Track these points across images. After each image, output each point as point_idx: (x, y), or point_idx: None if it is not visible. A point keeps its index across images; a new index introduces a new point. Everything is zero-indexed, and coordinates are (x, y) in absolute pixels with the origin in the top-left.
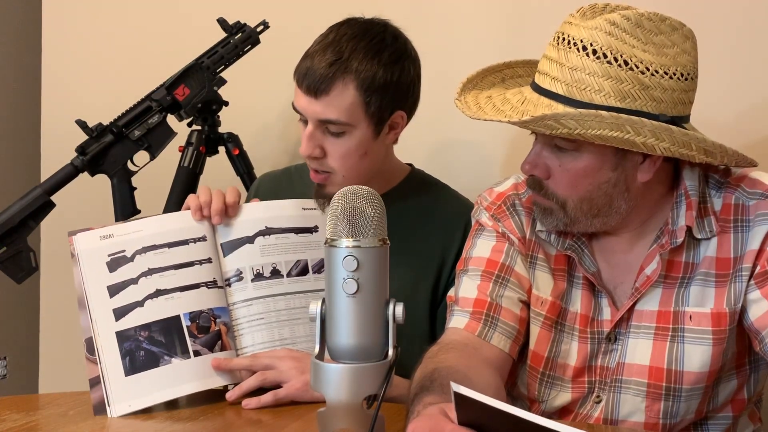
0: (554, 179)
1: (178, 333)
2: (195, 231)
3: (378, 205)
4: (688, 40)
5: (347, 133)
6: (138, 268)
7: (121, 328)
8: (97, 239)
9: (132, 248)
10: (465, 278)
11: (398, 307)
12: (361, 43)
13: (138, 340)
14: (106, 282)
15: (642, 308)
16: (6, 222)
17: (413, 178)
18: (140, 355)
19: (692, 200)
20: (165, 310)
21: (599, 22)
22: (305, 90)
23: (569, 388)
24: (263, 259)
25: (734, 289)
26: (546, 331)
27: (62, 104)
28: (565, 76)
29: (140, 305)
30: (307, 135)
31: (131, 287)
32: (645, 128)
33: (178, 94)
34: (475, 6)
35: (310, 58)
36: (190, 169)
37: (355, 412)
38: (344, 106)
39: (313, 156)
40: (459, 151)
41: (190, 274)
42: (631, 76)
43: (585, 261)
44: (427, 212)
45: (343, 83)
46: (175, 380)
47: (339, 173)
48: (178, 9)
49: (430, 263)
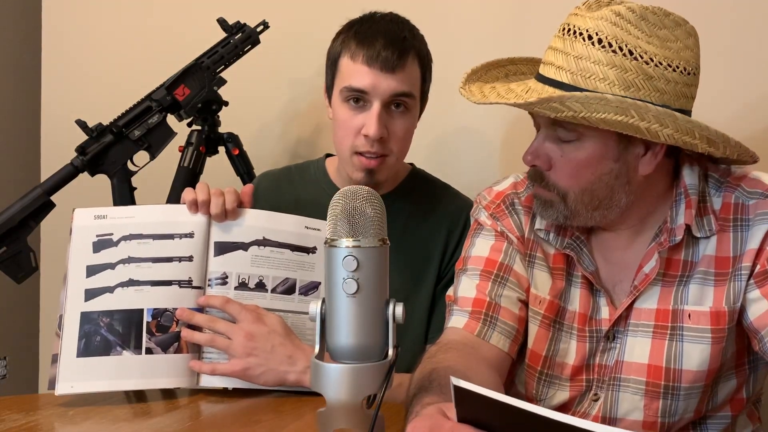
0: (556, 170)
1: (137, 327)
2: (185, 227)
3: (378, 205)
4: (690, 36)
5: (411, 109)
6: (119, 254)
7: (87, 309)
8: (91, 218)
9: (119, 233)
10: (464, 278)
11: (398, 307)
12: (405, 26)
13: (98, 324)
14: (86, 261)
15: (641, 306)
16: (6, 222)
17: (414, 178)
18: (95, 339)
19: (692, 199)
20: (131, 302)
21: (605, 13)
22: (380, 67)
23: (567, 386)
24: (252, 269)
25: (733, 288)
26: (544, 330)
27: (62, 104)
28: (570, 64)
29: (110, 291)
30: (376, 115)
31: (107, 271)
32: (649, 113)
33: (178, 94)
34: (475, 6)
35: (371, 40)
36: (190, 169)
37: (355, 412)
38: (414, 79)
39: (382, 137)
40: (460, 150)
41: (167, 269)
42: (636, 66)
43: (584, 260)
44: (428, 211)
45: (411, 58)
46: (120, 373)
47: (395, 154)
48: (178, 9)
49: (431, 261)
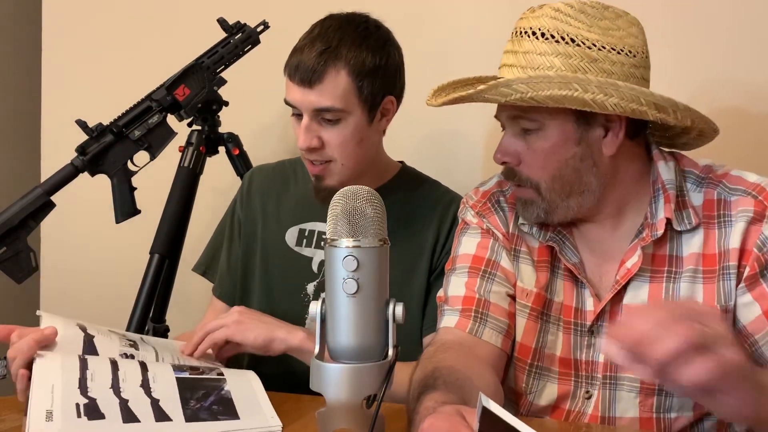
0: (525, 163)
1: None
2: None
3: (378, 205)
4: (633, 26)
5: (343, 120)
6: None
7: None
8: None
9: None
10: (453, 277)
11: (398, 307)
12: (347, 32)
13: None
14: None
15: (630, 303)
16: (6, 222)
17: (404, 175)
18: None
19: (670, 193)
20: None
21: (546, 11)
22: (299, 82)
23: (556, 378)
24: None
25: (723, 287)
26: (532, 322)
27: (62, 104)
28: (519, 60)
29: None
30: (303, 127)
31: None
32: (591, 84)
33: (178, 94)
34: (470, 6)
35: (300, 51)
36: (190, 169)
37: (355, 412)
38: (338, 93)
39: (311, 147)
40: (450, 148)
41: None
42: (579, 51)
43: (566, 252)
44: (418, 208)
45: (335, 70)
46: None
47: (338, 161)
48: (178, 9)
49: (423, 255)
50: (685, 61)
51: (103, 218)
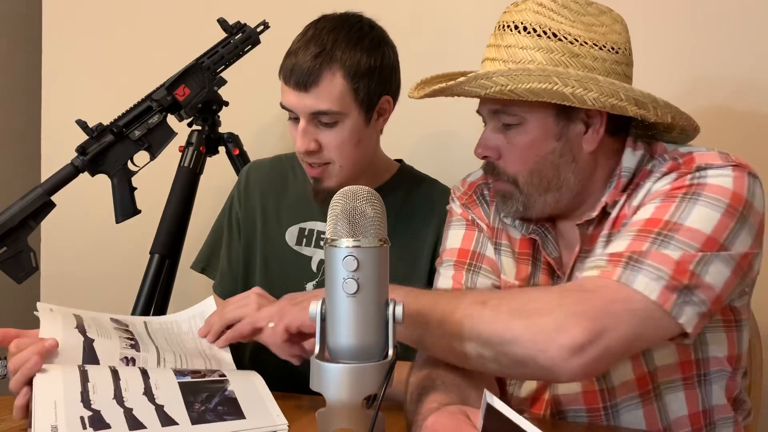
0: (505, 158)
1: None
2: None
3: (378, 205)
4: (617, 22)
5: (340, 122)
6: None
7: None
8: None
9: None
10: (441, 271)
11: (398, 307)
12: (341, 34)
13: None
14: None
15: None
16: (6, 222)
17: (403, 174)
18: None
19: (622, 180)
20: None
21: (529, 5)
22: (294, 85)
23: None
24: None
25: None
26: None
27: (62, 104)
28: (501, 54)
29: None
30: (301, 131)
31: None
32: (571, 78)
33: (179, 94)
34: (465, 4)
35: (294, 55)
36: (190, 169)
37: (355, 412)
38: (334, 95)
39: (309, 150)
40: (448, 147)
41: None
42: (561, 46)
43: (548, 246)
44: (417, 207)
45: (330, 73)
46: None
47: (336, 163)
48: (178, 9)
49: (422, 255)
50: (670, 60)
51: (103, 218)
